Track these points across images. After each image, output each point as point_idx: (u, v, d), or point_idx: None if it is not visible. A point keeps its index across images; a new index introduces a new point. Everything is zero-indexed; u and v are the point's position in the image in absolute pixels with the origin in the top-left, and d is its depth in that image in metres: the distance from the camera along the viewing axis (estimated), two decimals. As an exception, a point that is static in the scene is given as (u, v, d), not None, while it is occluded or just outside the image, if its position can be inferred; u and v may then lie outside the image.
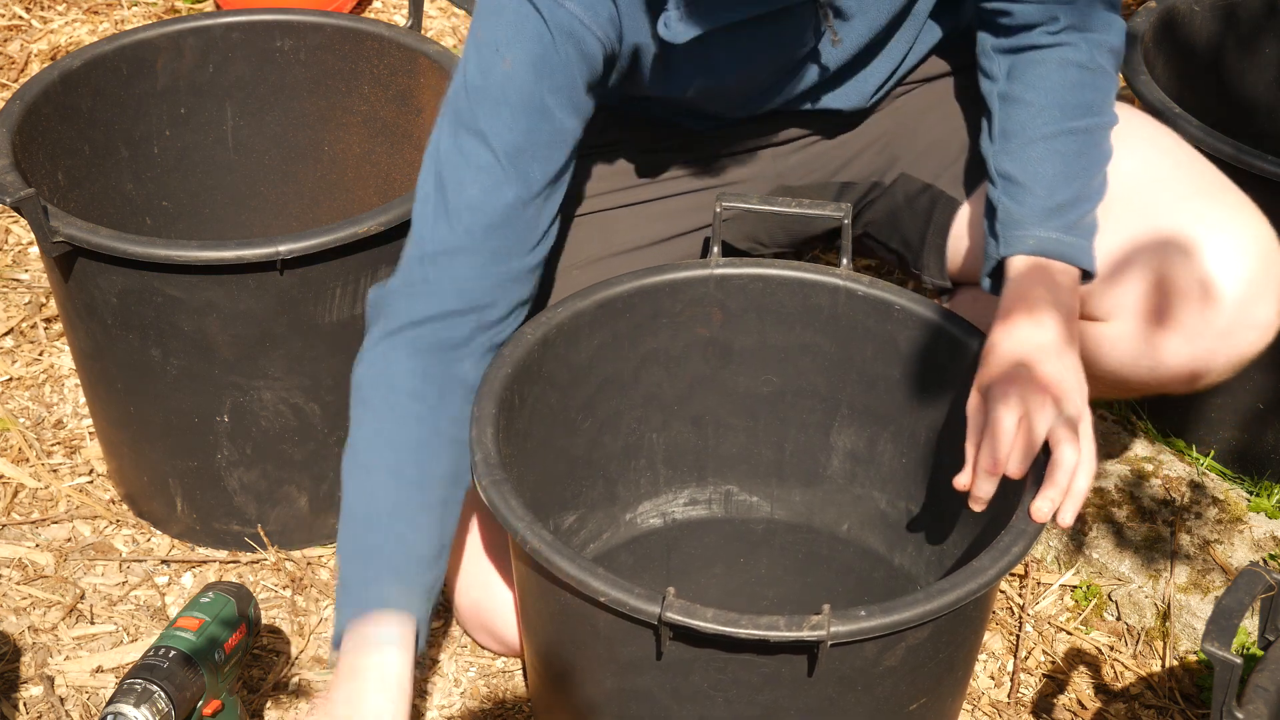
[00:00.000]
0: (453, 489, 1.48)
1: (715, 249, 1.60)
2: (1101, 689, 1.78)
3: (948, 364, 1.54)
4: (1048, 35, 1.55)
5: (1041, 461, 1.40)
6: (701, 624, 1.25)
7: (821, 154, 1.74)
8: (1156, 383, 1.61)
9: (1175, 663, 1.80)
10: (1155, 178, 1.58)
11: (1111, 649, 1.82)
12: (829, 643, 1.25)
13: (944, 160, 1.70)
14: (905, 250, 1.74)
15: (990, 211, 1.54)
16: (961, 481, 1.41)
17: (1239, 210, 1.57)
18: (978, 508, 1.41)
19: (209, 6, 2.88)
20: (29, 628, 1.80)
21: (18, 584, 1.86)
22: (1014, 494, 1.40)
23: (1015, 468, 1.39)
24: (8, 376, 2.13)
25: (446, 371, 1.48)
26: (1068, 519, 1.38)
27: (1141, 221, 1.55)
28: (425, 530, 1.46)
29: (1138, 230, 1.55)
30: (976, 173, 1.67)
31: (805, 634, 1.25)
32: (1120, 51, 1.58)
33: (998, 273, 1.52)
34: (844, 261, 1.60)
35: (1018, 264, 1.49)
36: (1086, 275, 1.51)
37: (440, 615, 1.84)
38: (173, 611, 1.83)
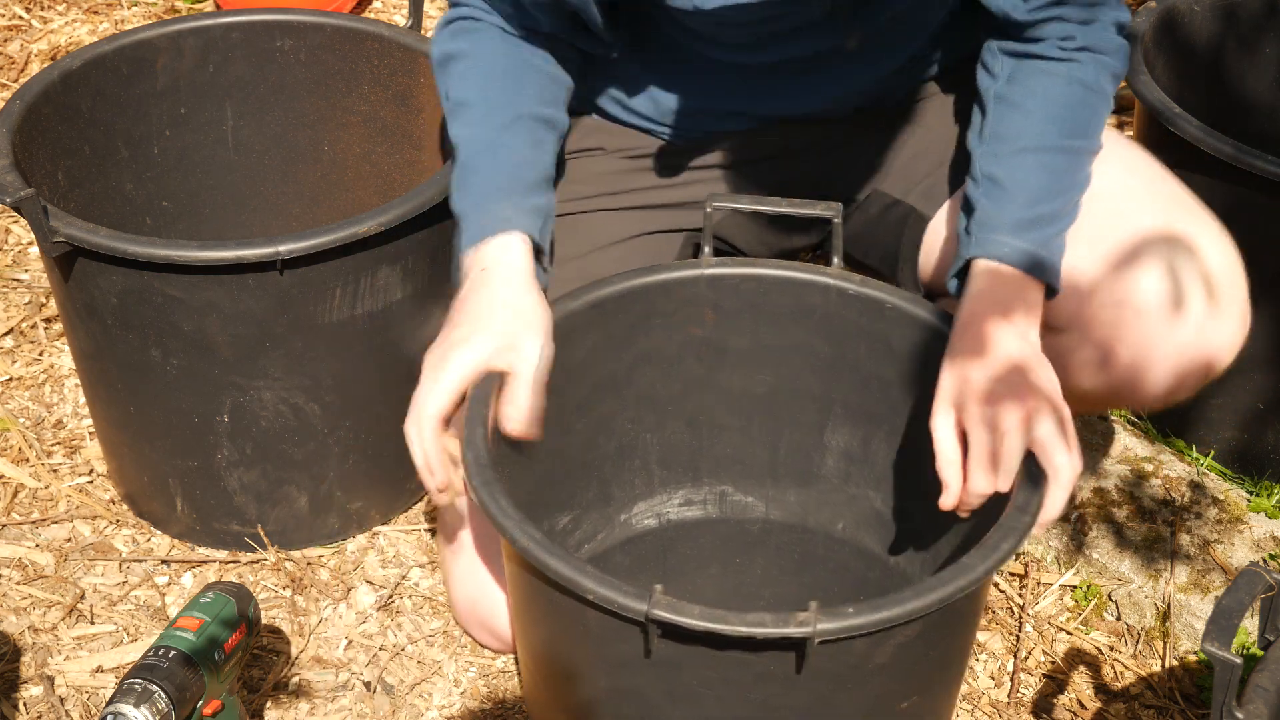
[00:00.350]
0: (542, 108, 1.57)
1: (706, 249, 1.60)
2: (1101, 689, 1.78)
3: (940, 363, 1.54)
4: (1059, 50, 1.54)
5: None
6: (688, 621, 1.25)
7: (796, 170, 1.74)
8: (1116, 399, 1.60)
9: (1175, 663, 1.80)
10: (1124, 195, 1.57)
11: (1111, 649, 1.82)
12: (817, 639, 1.25)
13: (916, 176, 1.70)
14: (881, 265, 1.75)
15: (968, 209, 1.53)
16: (948, 503, 1.40)
17: (1204, 232, 1.56)
18: (965, 514, 1.42)
19: (209, 6, 2.88)
20: (29, 628, 1.80)
21: (18, 584, 1.86)
22: (1006, 492, 1.40)
23: (1007, 482, 1.39)
24: (8, 376, 2.13)
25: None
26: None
27: (1107, 238, 1.54)
28: (522, 150, 1.55)
29: (1103, 247, 1.54)
30: (948, 188, 1.67)
31: (792, 630, 1.24)
32: (1121, 77, 1.58)
33: (964, 272, 1.52)
34: (835, 261, 1.60)
35: (991, 267, 1.48)
36: (1049, 293, 1.50)
37: (440, 614, 1.84)
38: (173, 611, 1.83)
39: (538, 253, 1.52)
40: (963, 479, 1.40)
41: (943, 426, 1.42)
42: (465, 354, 1.45)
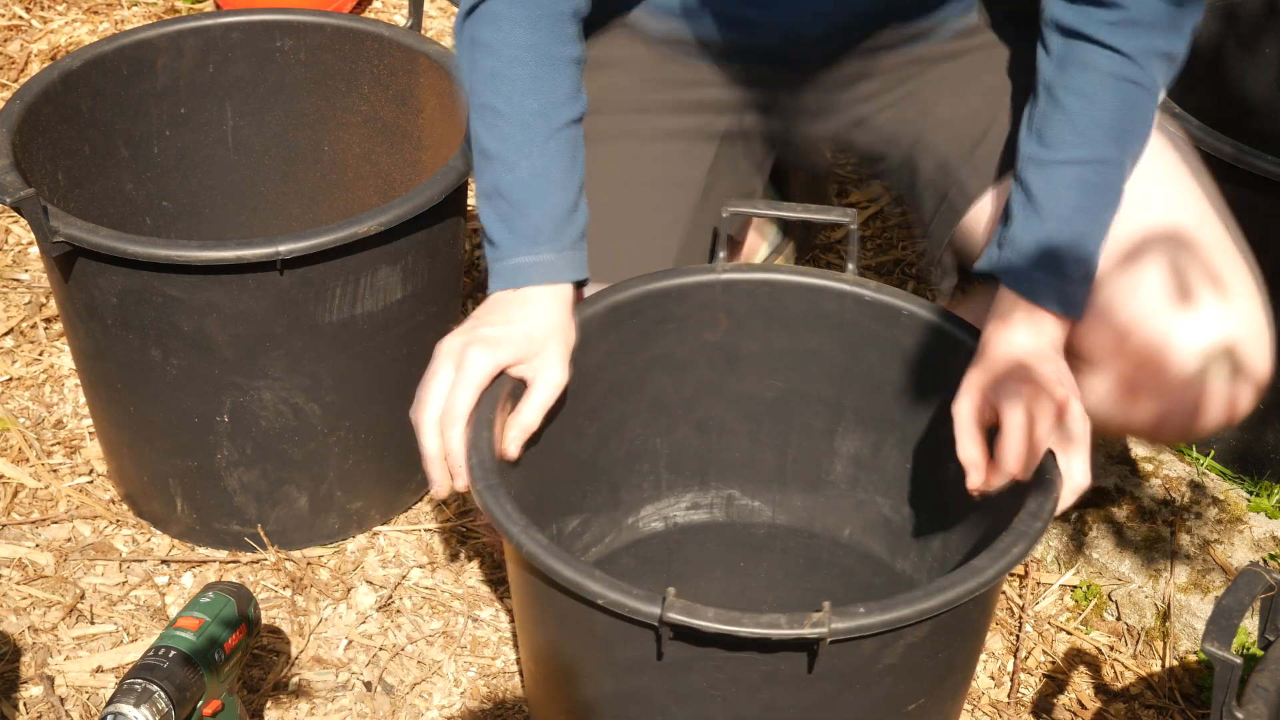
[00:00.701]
0: (574, 106, 1.52)
1: (721, 254, 1.60)
2: (1101, 689, 1.78)
3: (955, 369, 1.54)
4: (1105, 26, 1.47)
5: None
6: (703, 623, 1.25)
7: (835, 99, 1.70)
8: (1127, 431, 1.59)
9: (1175, 663, 1.80)
10: (1168, 225, 1.53)
11: (1111, 649, 1.82)
12: (829, 639, 1.25)
13: (965, 143, 1.64)
14: (916, 210, 1.70)
15: (1005, 217, 1.51)
16: (975, 484, 1.41)
17: (1238, 289, 1.52)
18: (979, 496, 1.42)
19: (209, 6, 2.88)
20: (29, 628, 1.80)
21: (18, 584, 1.86)
22: (1017, 498, 1.40)
23: (1030, 469, 1.39)
24: (8, 376, 2.13)
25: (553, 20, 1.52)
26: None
27: (1145, 272, 1.52)
28: (562, 170, 1.50)
29: (1138, 281, 1.51)
30: (998, 165, 1.62)
31: (807, 631, 1.25)
32: (1178, 59, 1.49)
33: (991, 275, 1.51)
34: (850, 266, 1.60)
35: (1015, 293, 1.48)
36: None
37: (440, 615, 1.84)
38: (173, 611, 1.83)
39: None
40: (986, 461, 1.40)
41: (964, 412, 1.42)
42: (489, 355, 1.45)
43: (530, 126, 1.50)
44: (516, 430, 1.46)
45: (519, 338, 1.46)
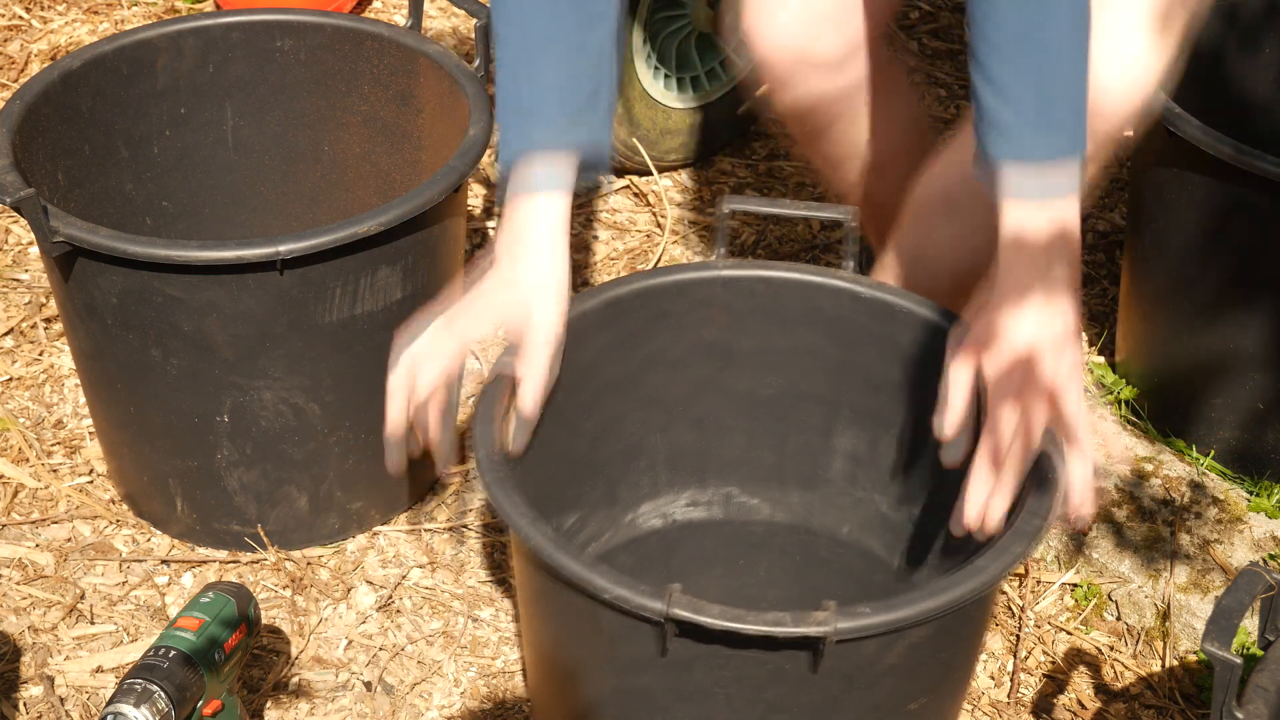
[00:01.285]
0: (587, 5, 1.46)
1: (721, 250, 1.61)
2: (1101, 689, 1.78)
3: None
4: None
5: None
6: (708, 620, 1.25)
7: None
8: None
9: (1175, 663, 1.80)
10: None
11: (1111, 649, 1.82)
12: (833, 638, 1.26)
13: None
14: None
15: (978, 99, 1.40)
16: (950, 459, 1.41)
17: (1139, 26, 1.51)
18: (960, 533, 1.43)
19: (209, 6, 2.88)
20: (29, 628, 1.80)
21: (18, 584, 1.86)
22: (1017, 497, 1.40)
23: (1011, 487, 1.39)
24: (8, 376, 2.13)
25: None
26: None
27: None
28: (575, 49, 1.45)
29: None
30: None
31: (811, 630, 1.25)
32: None
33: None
34: (849, 264, 1.60)
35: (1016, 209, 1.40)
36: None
37: (440, 615, 1.84)
38: (173, 611, 1.83)
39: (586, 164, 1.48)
40: (963, 436, 1.40)
41: (958, 381, 1.41)
42: (474, 323, 1.46)
43: (530, 33, 1.45)
44: (519, 425, 1.46)
45: (497, 300, 1.46)
